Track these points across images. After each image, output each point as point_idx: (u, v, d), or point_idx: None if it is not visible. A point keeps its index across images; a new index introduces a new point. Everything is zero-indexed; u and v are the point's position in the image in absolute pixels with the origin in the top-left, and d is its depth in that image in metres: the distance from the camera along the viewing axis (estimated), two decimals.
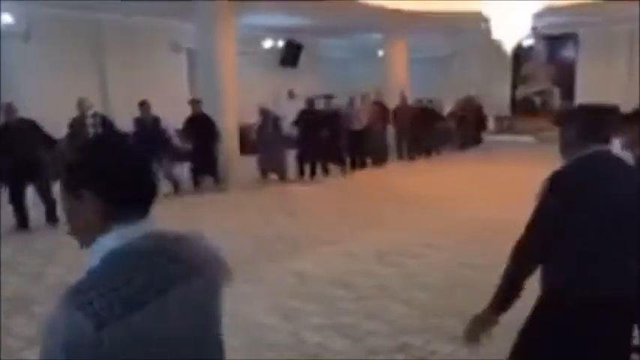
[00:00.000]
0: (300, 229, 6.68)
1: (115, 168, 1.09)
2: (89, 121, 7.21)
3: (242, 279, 4.92)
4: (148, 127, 8.37)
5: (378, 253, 5.65)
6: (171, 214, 7.50)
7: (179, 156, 9.17)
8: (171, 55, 12.79)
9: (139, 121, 8.54)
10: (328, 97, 10.93)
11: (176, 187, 8.86)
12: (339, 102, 11.44)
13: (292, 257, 5.61)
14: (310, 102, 10.43)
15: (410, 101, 12.98)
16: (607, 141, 2.12)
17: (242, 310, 4.22)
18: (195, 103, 9.28)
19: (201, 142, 8.95)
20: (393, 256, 5.55)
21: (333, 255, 5.68)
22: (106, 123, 7.35)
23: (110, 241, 1.08)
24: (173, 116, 9.47)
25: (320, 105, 10.75)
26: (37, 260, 5.61)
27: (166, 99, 11.94)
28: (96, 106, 10.94)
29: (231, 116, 9.70)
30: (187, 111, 9.45)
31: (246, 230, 6.67)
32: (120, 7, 10.69)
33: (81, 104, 7.28)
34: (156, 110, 9.11)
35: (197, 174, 9.30)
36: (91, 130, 7.16)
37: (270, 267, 5.29)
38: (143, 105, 8.55)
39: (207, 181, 9.47)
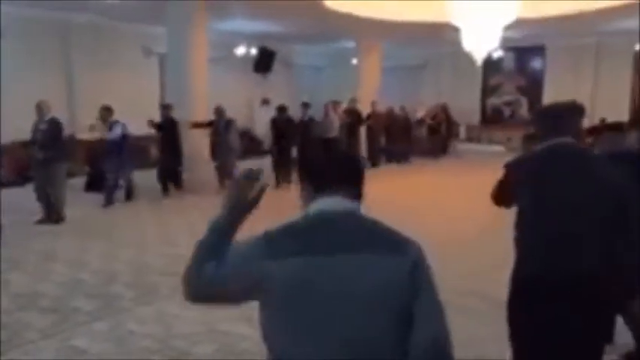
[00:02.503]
0: None
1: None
2: (42, 126, 6.96)
3: None
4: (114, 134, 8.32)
5: None
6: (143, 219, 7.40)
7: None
8: (143, 59, 12.62)
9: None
10: (305, 105, 10.91)
11: (129, 193, 8.69)
12: (313, 110, 11.44)
13: None
14: (282, 109, 10.40)
15: (382, 108, 13.12)
16: (571, 134, 2.26)
17: (211, 318, 4.16)
18: (165, 108, 9.17)
19: (170, 148, 8.94)
20: None
21: None
22: (56, 128, 7.02)
23: (312, 208, 1.41)
24: (143, 121, 9.35)
25: (298, 113, 10.76)
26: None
27: (136, 103, 11.80)
28: (61, 108, 10.77)
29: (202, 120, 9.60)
30: (156, 116, 9.38)
31: None
32: (91, 8, 10.51)
33: (39, 108, 7.00)
34: (124, 114, 8.96)
35: (165, 179, 9.19)
36: (38, 136, 6.92)
37: None
38: (107, 110, 8.42)
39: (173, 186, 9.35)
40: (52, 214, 7.11)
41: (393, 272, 1.30)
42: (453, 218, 7.52)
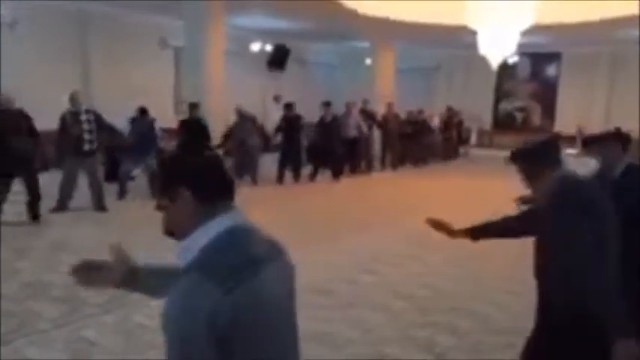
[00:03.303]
0: (280, 233, 6.62)
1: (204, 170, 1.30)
2: (83, 117, 7.04)
3: None
4: (145, 128, 8.38)
5: (358, 261, 5.64)
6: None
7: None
8: (158, 52, 12.66)
9: (135, 121, 8.50)
10: (327, 104, 10.88)
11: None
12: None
13: None
14: (289, 106, 10.41)
15: (400, 112, 13.07)
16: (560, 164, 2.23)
17: None
18: (193, 107, 9.01)
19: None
20: (373, 264, 5.54)
21: (314, 261, 5.64)
22: (98, 120, 7.19)
23: (214, 227, 1.24)
24: (156, 114, 9.39)
25: (309, 111, 10.78)
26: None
27: (150, 96, 11.83)
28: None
29: (216, 116, 9.62)
30: (170, 109, 9.40)
31: None
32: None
33: (74, 99, 7.03)
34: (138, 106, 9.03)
35: None
36: (85, 127, 7.01)
37: None
38: (144, 112, 8.52)
39: None
40: (62, 204, 7.20)
41: (290, 275, 1.39)
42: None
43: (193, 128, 8.83)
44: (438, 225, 2.64)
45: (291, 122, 10.17)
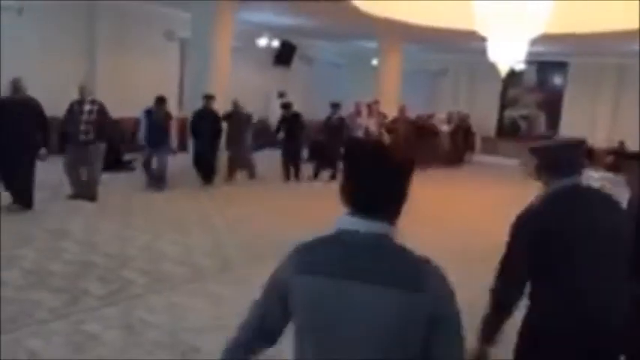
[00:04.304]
0: (285, 233, 6.59)
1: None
2: (86, 107, 7.12)
3: (222, 280, 4.85)
4: (159, 121, 8.34)
5: None
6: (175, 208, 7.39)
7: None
8: (164, 43, 12.58)
9: (150, 113, 8.45)
10: (335, 106, 10.81)
11: (160, 182, 8.53)
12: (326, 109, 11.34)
13: (275, 261, 5.52)
14: (287, 106, 10.38)
15: (411, 115, 13.04)
16: (579, 173, 2.15)
17: (221, 311, 4.14)
18: (209, 98, 8.97)
19: (206, 139, 8.93)
20: None
21: None
22: (100, 113, 7.22)
23: (339, 222, 1.32)
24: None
25: (311, 109, 10.73)
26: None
27: (155, 86, 11.78)
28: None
29: (220, 109, 9.57)
30: (174, 100, 9.34)
31: (231, 228, 6.59)
32: None
33: (82, 91, 7.26)
34: (143, 98, 8.97)
35: (198, 170, 9.15)
36: (84, 117, 7.07)
37: (251, 269, 5.20)
38: (161, 102, 8.49)
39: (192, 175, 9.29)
40: (87, 191, 7.24)
41: (407, 309, 1.22)
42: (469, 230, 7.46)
43: (209, 119, 8.88)
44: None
45: (289, 121, 10.13)
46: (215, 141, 9.07)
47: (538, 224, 2.05)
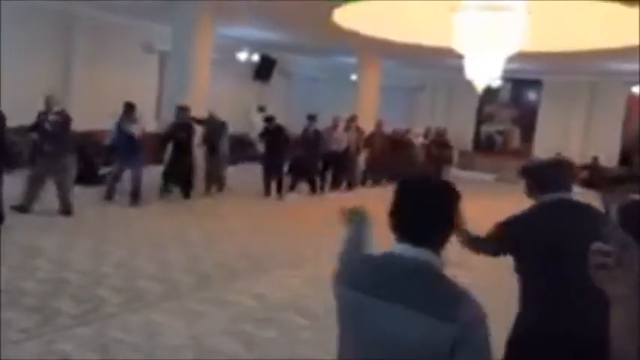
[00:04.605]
0: (264, 249, 6.56)
1: None
2: (52, 118, 6.97)
3: (199, 298, 4.78)
4: (128, 130, 8.21)
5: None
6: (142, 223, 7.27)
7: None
8: (143, 55, 12.50)
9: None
10: (311, 118, 10.83)
11: (135, 195, 8.33)
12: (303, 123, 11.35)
13: (254, 278, 5.49)
14: (270, 119, 10.35)
15: (388, 130, 13.15)
16: (567, 189, 2.34)
17: (198, 330, 4.08)
18: (183, 110, 8.85)
19: (180, 152, 8.80)
20: None
21: (296, 279, 5.59)
22: (64, 124, 7.03)
23: (392, 246, 1.43)
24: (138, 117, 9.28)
25: (292, 122, 10.72)
26: None
27: (133, 99, 11.64)
28: (57, 99, 10.61)
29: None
30: (152, 113, 9.26)
31: (209, 244, 6.51)
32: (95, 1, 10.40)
33: (48, 101, 7.07)
34: (121, 110, 8.86)
35: (169, 182, 9.01)
36: (50, 128, 6.91)
37: (230, 287, 5.15)
38: (129, 109, 8.36)
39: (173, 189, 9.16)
40: (24, 205, 6.99)
41: (434, 337, 1.26)
42: None
43: (183, 131, 8.78)
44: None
45: (272, 135, 10.11)
46: (191, 153, 8.93)
47: (523, 227, 2.27)
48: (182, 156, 8.81)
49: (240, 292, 4.98)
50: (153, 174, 8.99)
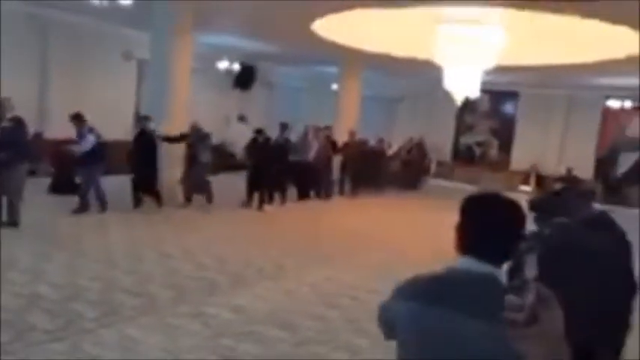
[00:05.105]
0: (243, 260, 6.49)
1: None
2: (4, 124, 6.61)
3: (177, 312, 4.71)
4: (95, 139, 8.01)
5: (320, 293, 5.57)
6: (108, 233, 7.13)
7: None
8: (121, 62, 12.36)
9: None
10: (283, 126, 10.79)
11: (103, 205, 8.21)
12: (290, 131, 11.37)
13: (233, 290, 5.42)
14: (260, 131, 10.31)
15: (356, 139, 13.19)
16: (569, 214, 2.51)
17: (175, 346, 4.01)
18: (145, 119, 8.83)
19: (145, 160, 8.67)
20: (335, 297, 5.48)
21: (276, 291, 5.54)
22: (18, 128, 6.70)
23: (457, 262, 1.47)
24: (115, 126, 9.19)
25: (272, 132, 10.64)
26: None
27: (111, 107, 11.54)
28: (32, 105, 10.43)
29: (177, 130, 9.41)
30: (130, 122, 9.16)
31: (187, 256, 6.42)
32: (73, 7, 10.26)
33: (1, 107, 6.66)
34: (98, 118, 8.74)
35: (138, 191, 8.88)
36: (1, 136, 6.55)
37: (208, 300, 5.08)
38: (76, 118, 8.06)
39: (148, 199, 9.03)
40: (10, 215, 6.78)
41: (497, 342, 1.27)
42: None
43: (143, 138, 8.67)
44: None
45: (260, 147, 10.05)
46: (153, 162, 8.79)
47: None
48: (147, 165, 8.70)
49: (219, 305, 4.92)
50: (127, 183, 8.87)
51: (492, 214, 1.48)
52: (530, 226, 2.49)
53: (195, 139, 9.50)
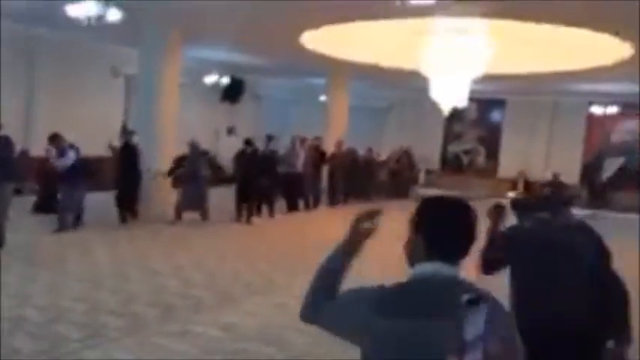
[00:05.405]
0: (231, 276, 6.41)
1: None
2: None
3: (164, 331, 4.61)
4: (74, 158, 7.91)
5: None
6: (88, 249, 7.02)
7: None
8: (109, 79, 12.30)
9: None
10: (270, 138, 10.76)
11: (76, 221, 8.13)
12: (277, 143, 11.33)
13: (221, 308, 5.33)
14: (249, 142, 10.26)
15: (344, 149, 13.22)
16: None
17: None
18: (129, 133, 8.86)
19: (128, 175, 8.64)
20: None
21: (265, 307, 5.46)
22: (6, 146, 6.62)
23: (419, 269, 1.48)
24: (103, 142, 9.10)
25: (260, 144, 10.59)
26: None
27: (98, 122, 11.44)
28: (18, 122, 10.31)
29: (167, 146, 9.37)
30: (117, 138, 9.12)
31: (175, 274, 6.32)
32: (57, 24, 10.18)
33: None
34: (86, 135, 8.67)
35: (122, 207, 8.79)
36: None
37: (196, 318, 4.99)
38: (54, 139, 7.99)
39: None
40: None
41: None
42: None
43: (126, 153, 8.63)
44: None
45: (248, 158, 10.00)
46: (135, 175, 8.75)
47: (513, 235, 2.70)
48: (130, 179, 8.65)
49: (207, 323, 4.83)
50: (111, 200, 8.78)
51: (448, 216, 1.48)
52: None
53: (194, 155, 9.48)
